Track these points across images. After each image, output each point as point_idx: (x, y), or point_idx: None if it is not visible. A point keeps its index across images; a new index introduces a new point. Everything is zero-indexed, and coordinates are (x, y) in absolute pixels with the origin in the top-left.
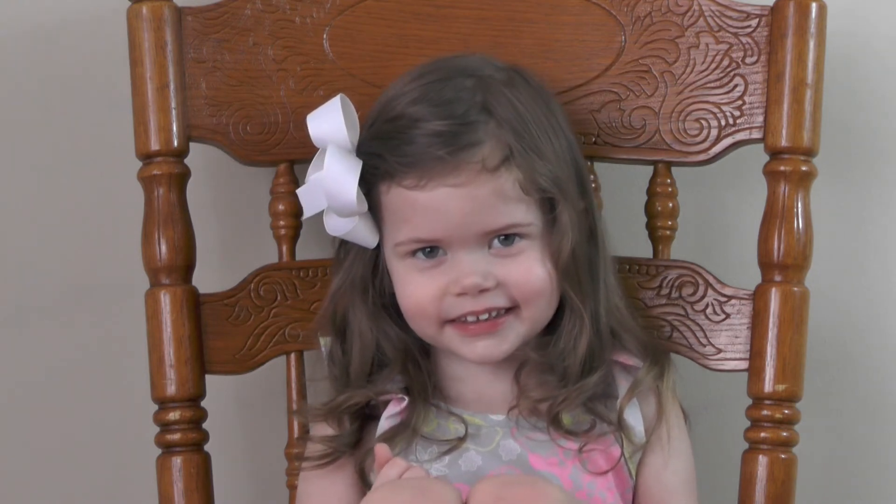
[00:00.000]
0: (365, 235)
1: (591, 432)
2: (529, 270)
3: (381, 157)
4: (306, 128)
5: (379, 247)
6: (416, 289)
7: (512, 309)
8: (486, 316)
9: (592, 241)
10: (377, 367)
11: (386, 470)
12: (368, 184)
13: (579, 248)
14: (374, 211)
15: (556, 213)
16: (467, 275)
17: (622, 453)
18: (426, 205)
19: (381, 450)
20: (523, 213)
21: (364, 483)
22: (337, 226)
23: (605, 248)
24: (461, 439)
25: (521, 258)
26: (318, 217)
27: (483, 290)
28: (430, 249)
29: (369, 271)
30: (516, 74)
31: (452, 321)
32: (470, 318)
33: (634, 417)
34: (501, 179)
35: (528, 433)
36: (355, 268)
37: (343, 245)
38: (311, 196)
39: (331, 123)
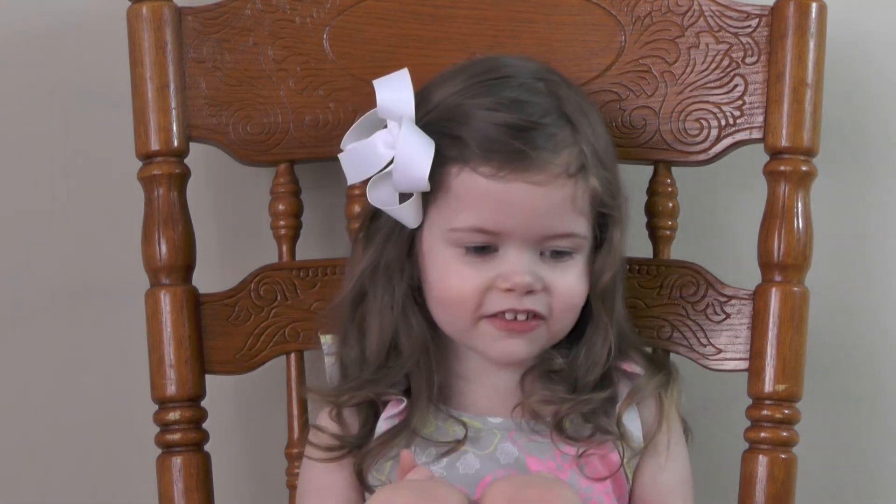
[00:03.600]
0: (409, 214)
1: (591, 438)
2: (574, 284)
3: (459, 140)
4: (307, 127)
5: (414, 231)
6: (461, 279)
7: (544, 318)
8: (524, 317)
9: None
10: (389, 358)
11: (411, 476)
12: (433, 163)
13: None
14: (429, 192)
15: (609, 232)
16: (520, 273)
17: (621, 459)
18: (499, 197)
19: (407, 456)
20: (584, 226)
21: (362, 483)
22: (383, 197)
23: (623, 265)
24: (459, 442)
25: (567, 270)
26: (319, 217)
27: (529, 292)
28: (483, 242)
29: (405, 254)
30: (563, 82)
31: (489, 316)
32: (509, 316)
33: (633, 423)
34: (577, 187)
35: (527, 436)
36: (389, 249)
37: (374, 222)
38: (356, 163)
39: (401, 95)
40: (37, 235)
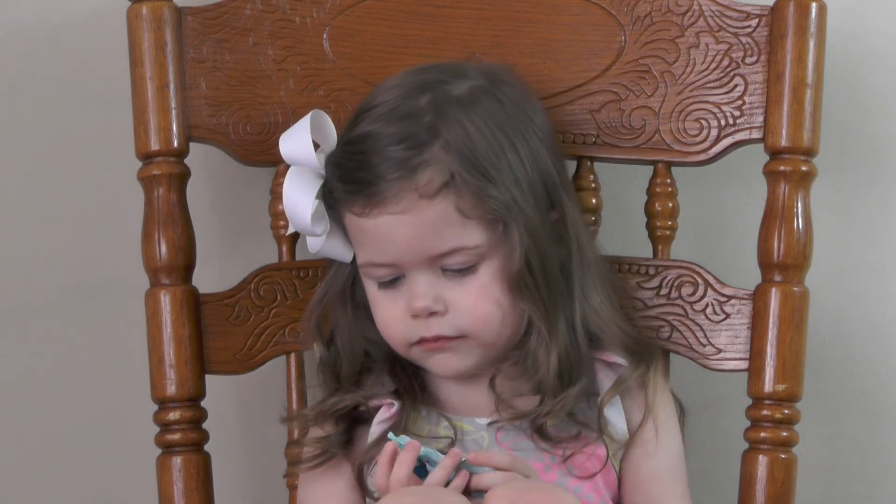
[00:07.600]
0: (339, 252)
1: (576, 437)
2: (478, 297)
3: (333, 185)
4: None
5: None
6: (384, 311)
7: (460, 336)
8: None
9: (564, 247)
10: (366, 369)
11: (398, 463)
12: (332, 207)
13: (546, 261)
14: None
15: (508, 230)
16: (418, 297)
17: (607, 452)
18: (373, 232)
19: (389, 445)
20: (468, 236)
21: (361, 486)
22: (312, 243)
23: (580, 252)
24: (451, 443)
25: (472, 281)
26: None
27: (433, 314)
28: (387, 274)
29: (349, 282)
30: (483, 89)
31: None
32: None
33: (616, 415)
34: (440, 206)
35: (514, 437)
36: (336, 279)
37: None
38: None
39: (297, 143)
40: (37, 235)
